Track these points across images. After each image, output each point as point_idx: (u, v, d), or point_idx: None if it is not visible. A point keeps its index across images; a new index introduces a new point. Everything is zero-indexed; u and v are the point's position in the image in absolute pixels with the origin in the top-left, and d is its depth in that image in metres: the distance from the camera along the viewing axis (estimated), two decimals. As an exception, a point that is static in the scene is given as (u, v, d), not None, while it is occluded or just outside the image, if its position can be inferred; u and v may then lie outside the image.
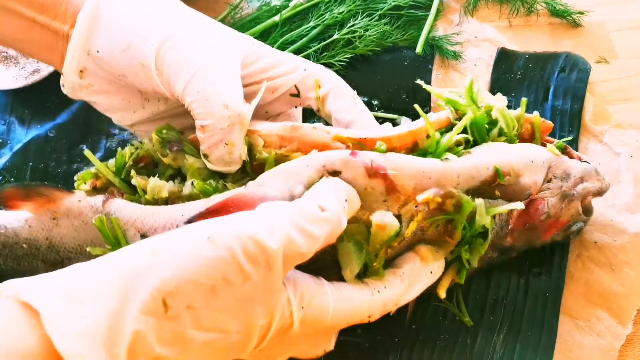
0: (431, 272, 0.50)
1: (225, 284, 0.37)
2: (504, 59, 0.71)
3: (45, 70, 0.70)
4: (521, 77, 0.70)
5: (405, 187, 0.48)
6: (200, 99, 0.47)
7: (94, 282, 0.35)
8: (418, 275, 0.49)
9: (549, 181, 0.54)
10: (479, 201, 0.50)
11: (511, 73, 0.70)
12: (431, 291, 0.58)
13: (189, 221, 0.47)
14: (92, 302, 0.34)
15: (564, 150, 0.57)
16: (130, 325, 0.34)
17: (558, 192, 0.54)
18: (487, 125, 0.54)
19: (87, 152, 0.53)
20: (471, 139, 0.54)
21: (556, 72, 0.70)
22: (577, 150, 0.65)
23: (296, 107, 0.58)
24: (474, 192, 0.51)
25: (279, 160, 0.50)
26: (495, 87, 0.70)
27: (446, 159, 0.50)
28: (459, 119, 0.54)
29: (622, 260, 0.59)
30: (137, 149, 0.54)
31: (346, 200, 0.45)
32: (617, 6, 0.77)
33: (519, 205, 0.51)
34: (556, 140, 0.57)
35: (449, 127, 0.54)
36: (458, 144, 0.53)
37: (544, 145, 0.57)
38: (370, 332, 0.57)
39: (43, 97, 0.71)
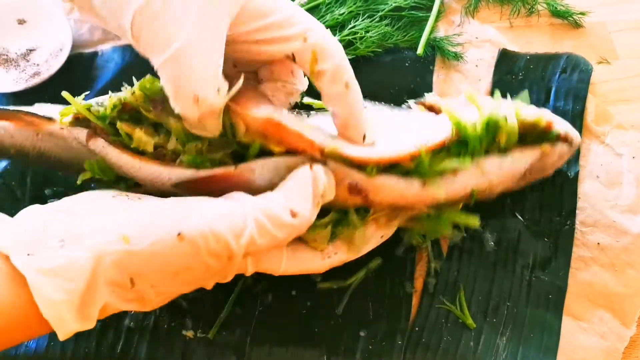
0: (382, 237, 0.54)
1: (187, 270, 0.42)
2: (506, 60, 0.71)
3: (46, 73, 0.70)
4: (522, 78, 0.70)
5: (382, 204, 0.51)
6: (172, 86, 0.44)
7: (74, 256, 0.40)
8: (369, 238, 0.53)
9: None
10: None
11: (512, 74, 0.70)
12: (434, 294, 0.59)
13: (176, 185, 0.49)
14: (72, 276, 0.39)
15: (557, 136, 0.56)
16: (101, 296, 0.41)
17: (521, 184, 0.57)
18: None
19: (65, 94, 0.50)
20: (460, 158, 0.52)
21: (557, 73, 0.70)
22: (579, 152, 0.65)
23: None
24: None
25: (262, 148, 0.49)
26: (496, 88, 0.69)
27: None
28: (458, 140, 0.51)
29: (624, 262, 0.59)
30: (119, 100, 0.51)
31: (322, 196, 0.47)
32: (618, 6, 0.76)
33: (475, 223, 0.54)
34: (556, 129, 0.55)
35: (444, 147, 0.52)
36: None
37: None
38: (373, 335, 0.57)
39: (43, 100, 0.70)
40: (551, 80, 0.69)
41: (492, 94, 0.69)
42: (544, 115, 0.54)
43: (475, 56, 0.72)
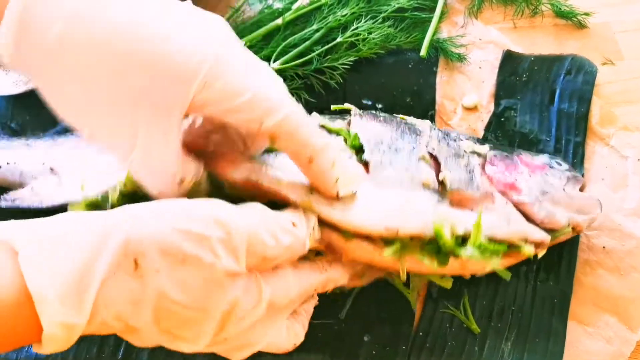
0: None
1: (195, 259, 0.39)
2: (510, 61, 0.71)
3: (46, 75, 0.69)
4: (527, 80, 0.69)
5: (356, 261, 0.53)
6: (141, 183, 0.46)
7: (75, 229, 0.38)
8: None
9: None
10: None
11: (516, 75, 0.70)
12: (438, 298, 0.58)
13: None
14: (69, 247, 0.36)
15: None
16: (100, 275, 0.37)
17: None
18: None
19: (71, 206, 0.55)
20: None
21: (562, 74, 0.69)
22: (584, 154, 0.65)
23: None
24: None
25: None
26: (500, 90, 0.69)
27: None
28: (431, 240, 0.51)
29: (630, 265, 0.59)
30: (120, 194, 0.54)
31: (314, 228, 0.49)
32: (623, 7, 0.76)
33: (448, 285, 0.56)
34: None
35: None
36: None
37: None
38: (377, 340, 0.57)
39: (43, 102, 0.70)
40: (555, 82, 0.69)
41: (496, 95, 0.69)
42: (543, 240, 0.54)
43: (478, 57, 0.72)
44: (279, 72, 0.69)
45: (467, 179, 0.54)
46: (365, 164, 0.53)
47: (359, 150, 0.55)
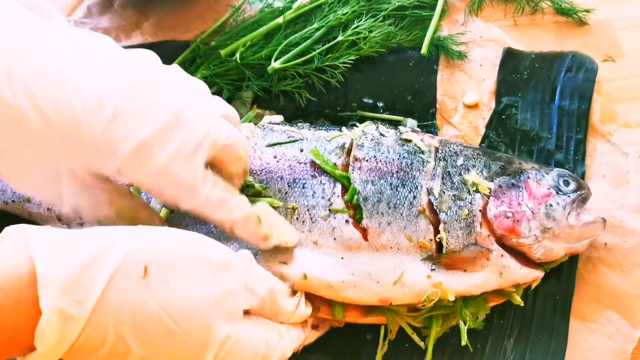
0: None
1: (197, 274, 0.40)
2: (510, 58, 0.71)
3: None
4: (527, 77, 0.69)
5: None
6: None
7: (91, 231, 0.39)
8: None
9: None
10: None
11: (517, 73, 0.70)
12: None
13: None
14: (83, 243, 0.37)
15: None
16: (108, 273, 0.37)
17: None
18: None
19: None
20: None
21: (563, 72, 0.69)
22: (585, 151, 0.65)
23: None
24: None
25: None
26: (501, 88, 0.69)
27: None
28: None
29: (632, 262, 0.59)
30: None
31: (299, 300, 0.50)
32: (623, 4, 0.76)
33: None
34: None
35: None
36: None
37: None
38: (379, 338, 0.57)
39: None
40: (556, 79, 0.69)
41: (496, 93, 0.69)
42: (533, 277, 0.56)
43: (479, 55, 0.72)
44: (280, 71, 0.69)
45: (464, 235, 0.54)
46: (364, 230, 0.53)
47: (356, 206, 0.54)
